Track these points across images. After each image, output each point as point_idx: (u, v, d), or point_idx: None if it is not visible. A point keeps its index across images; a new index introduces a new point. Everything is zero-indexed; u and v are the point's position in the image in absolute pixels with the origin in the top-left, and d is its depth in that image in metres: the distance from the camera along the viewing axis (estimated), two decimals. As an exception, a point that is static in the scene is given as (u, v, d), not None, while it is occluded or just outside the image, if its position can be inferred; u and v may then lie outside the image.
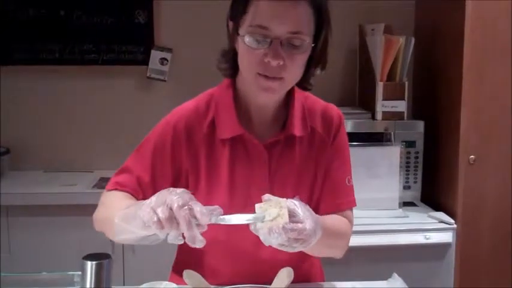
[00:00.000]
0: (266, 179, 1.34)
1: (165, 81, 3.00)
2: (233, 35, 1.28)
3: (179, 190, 1.07)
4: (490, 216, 2.52)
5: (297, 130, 1.35)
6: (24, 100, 2.97)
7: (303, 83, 1.34)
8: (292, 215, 1.11)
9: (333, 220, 1.35)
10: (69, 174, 2.90)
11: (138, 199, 1.29)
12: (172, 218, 1.02)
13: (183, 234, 1.04)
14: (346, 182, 1.41)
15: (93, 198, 2.54)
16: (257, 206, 1.14)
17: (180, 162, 1.33)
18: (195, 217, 1.03)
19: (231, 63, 1.33)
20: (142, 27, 2.98)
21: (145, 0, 2.96)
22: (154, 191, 1.24)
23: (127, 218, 1.12)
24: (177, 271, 1.46)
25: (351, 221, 1.42)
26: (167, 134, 1.34)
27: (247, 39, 1.21)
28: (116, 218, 1.15)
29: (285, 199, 1.13)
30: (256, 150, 1.33)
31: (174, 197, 1.04)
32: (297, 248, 1.13)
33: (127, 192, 1.32)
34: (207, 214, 1.04)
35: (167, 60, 2.98)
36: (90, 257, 0.99)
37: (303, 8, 1.21)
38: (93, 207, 2.51)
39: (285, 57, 1.20)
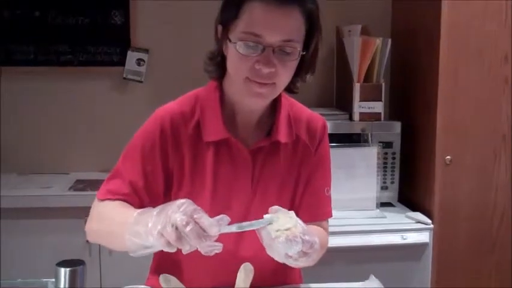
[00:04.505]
0: (249, 183, 1.34)
1: (141, 82, 2.97)
2: (222, 39, 1.27)
3: (180, 202, 1.05)
4: (466, 216, 2.54)
5: (283, 137, 1.35)
6: (-3, 102, 2.93)
7: (290, 87, 1.34)
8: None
9: (316, 232, 1.35)
10: (44, 177, 2.86)
11: (133, 205, 1.26)
12: (181, 237, 1.01)
13: None
14: (325, 192, 1.42)
15: (69, 200, 2.56)
16: (266, 216, 1.15)
17: (167, 161, 1.32)
18: (203, 229, 1.02)
19: (218, 66, 1.32)
20: (118, 28, 2.95)
21: (122, 0, 2.93)
22: (149, 194, 1.28)
23: (139, 235, 1.09)
24: (156, 272, 1.44)
25: (327, 232, 1.44)
26: (155, 134, 1.31)
27: (239, 45, 1.20)
28: (126, 234, 1.12)
29: (292, 211, 1.16)
30: (240, 155, 1.33)
31: (177, 214, 1.02)
32: (301, 262, 1.14)
33: (121, 200, 1.28)
34: (216, 225, 1.04)
35: (144, 61, 2.95)
36: (64, 263, 0.96)
37: (296, 16, 1.22)
38: (70, 209, 2.52)
39: (277, 63, 1.20)
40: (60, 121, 2.99)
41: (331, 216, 1.45)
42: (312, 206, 1.40)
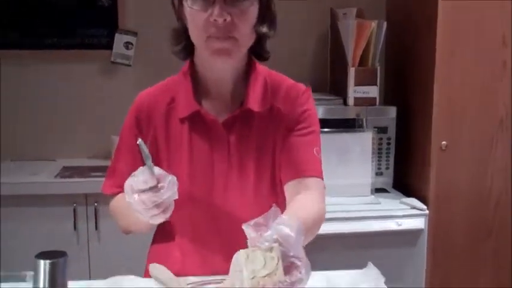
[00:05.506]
0: (225, 155, 1.34)
1: (130, 66, 2.91)
2: (179, 9, 1.30)
3: (125, 189, 1.16)
4: (462, 202, 2.51)
5: (255, 105, 1.34)
6: (-18, 87, 2.84)
7: (259, 50, 1.36)
8: (285, 255, 0.99)
9: (307, 210, 1.27)
10: (31, 164, 2.80)
11: None
12: (159, 205, 1.13)
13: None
14: (314, 152, 1.36)
15: (56, 188, 2.49)
16: (242, 253, 0.99)
17: (145, 140, 1.34)
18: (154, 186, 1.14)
19: (184, 43, 1.34)
20: (105, 10, 2.88)
21: (109, -19, 2.87)
22: None
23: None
24: (154, 240, 1.50)
25: (321, 193, 1.34)
26: (131, 119, 1.38)
27: (191, 2, 1.23)
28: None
29: (277, 245, 0.99)
30: (214, 127, 1.34)
31: (134, 200, 1.14)
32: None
33: None
34: (148, 177, 1.13)
35: (132, 44, 2.89)
36: (43, 255, 0.89)
37: None
38: (56, 197, 2.46)
39: (232, 14, 1.21)
40: (46, 106, 2.92)
41: (320, 176, 1.36)
42: (291, 161, 1.35)
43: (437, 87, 2.44)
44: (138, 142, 1.15)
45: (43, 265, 0.86)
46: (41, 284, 0.86)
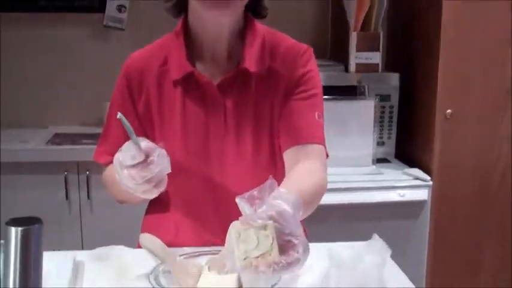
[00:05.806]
0: (221, 119, 1.28)
1: (123, 29, 2.83)
2: None
3: (114, 163, 1.12)
4: (467, 172, 2.44)
5: (251, 65, 1.26)
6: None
7: (257, 7, 1.30)
8: (280, 233, 0.90)
9: (307, 181, 1.20)
10: (22, 131, 2.72)
11: None
12: (150, 180, 1.08)
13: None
14: (316, 116, 1.28)
15: (46, 155, 2.42)
16: (234, 230, 0.90)
17: (137, 105, 1.31)
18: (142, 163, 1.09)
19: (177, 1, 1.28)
20: (97, -29, 2.78)
21: None
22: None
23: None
24: (149, 212, 1.46)
25: (322, 162, 1.27)
26: (122, 83, 1.33)
27: None
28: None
29: (271, 222, 0.90)
30: (208, 90, 1.27)
31: (123, 176, 1.09)
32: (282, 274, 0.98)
33: None
34: (136, 152, 1.08)
35: (125, 7, 2.80)
36: (15, 221, 0.80)
37: None
38: (47, 164, 2.39)
39: None
40: (36, 71, 2.84)
41: (321, 141, 1.29)
42: (291, 127, 1.28)
43: (442, 52, 2.34)
44: (118, 117, 1.06)
45: (14, 233, 0.77)
46: (12, 254, 0.77)
